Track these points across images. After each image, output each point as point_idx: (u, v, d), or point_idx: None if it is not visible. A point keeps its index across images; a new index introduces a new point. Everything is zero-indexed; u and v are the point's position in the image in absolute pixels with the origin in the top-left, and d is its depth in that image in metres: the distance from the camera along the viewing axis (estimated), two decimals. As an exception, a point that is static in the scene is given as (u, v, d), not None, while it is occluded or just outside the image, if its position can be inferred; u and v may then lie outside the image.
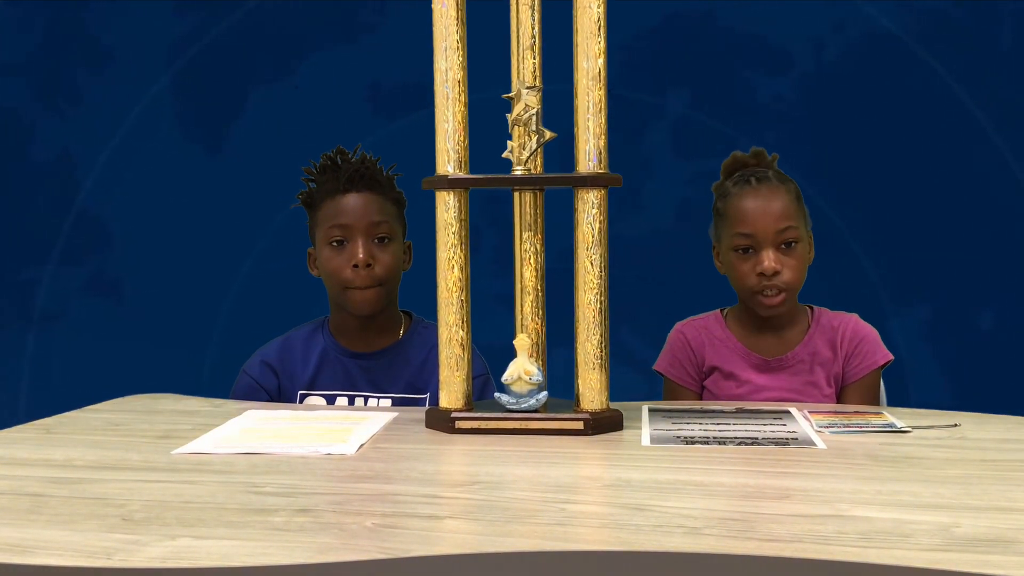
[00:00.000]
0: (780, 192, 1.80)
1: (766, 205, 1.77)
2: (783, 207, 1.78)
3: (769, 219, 1.76)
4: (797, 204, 1.81)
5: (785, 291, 1.77)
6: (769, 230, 1.76)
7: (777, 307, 1.79)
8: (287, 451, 1.37)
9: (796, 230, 1.77)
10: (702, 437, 1.43)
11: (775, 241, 1.76)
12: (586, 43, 1.48)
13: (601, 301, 1.49)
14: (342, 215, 1.86)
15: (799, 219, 1.79)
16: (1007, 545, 0.94)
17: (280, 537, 0.99)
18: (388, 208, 1.89)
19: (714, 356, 1.86)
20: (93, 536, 1.00)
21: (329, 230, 1.87)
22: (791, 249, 1.77)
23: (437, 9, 1.51)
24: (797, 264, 1.77)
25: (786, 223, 1.77)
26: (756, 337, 1.86)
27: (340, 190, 1.87)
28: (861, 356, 1.82)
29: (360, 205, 1.86)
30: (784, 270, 1.76)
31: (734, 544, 0.95)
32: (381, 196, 1.88)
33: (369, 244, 1.85)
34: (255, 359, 1.94)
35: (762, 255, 1.76)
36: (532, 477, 1.23)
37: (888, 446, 1.37)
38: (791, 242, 1.77)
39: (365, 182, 1.87)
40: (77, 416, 1.65)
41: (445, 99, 1.51)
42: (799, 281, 1.79)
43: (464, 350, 1.53)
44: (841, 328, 1.84)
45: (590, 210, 1.48)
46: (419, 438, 1.48)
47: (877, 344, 1.84)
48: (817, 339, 1.83)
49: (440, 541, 1.00)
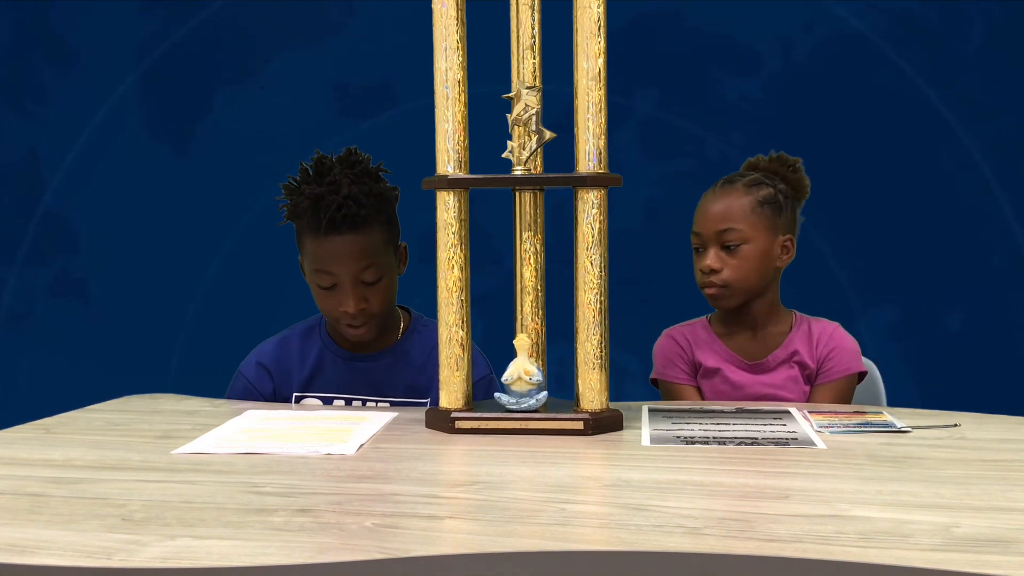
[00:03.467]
0: (734, 195, 1.84)
1: (712, 207, 1.84)
2: (728, 210, 1.82)
3: (712, 220, 1.83)
4: (752, 209, 1.83)
5: (724, 287, 1.82)
6: (711, 230, 1.83)
7: (718, 301, 1.84)
8: (287, 451, 1.37)
9: (740, 232, 1.81)
10: (702, 437, 1.43)
11: (718, 241, 1.82)
12: (586, 43, 1.48)
13: (601, 301, 1.49)
14: (327, 261, 1.75)
15: (751, 223, 1.82)
16: (1007, 545, 0.94)
17: (280, 537, 0.99)
18: (375, 241, 1.77)
19: (701, 356, 1.89)
20: (93, 536, 1.00)
21: (315, 273, 1.78)
22: (735, 251, 1.81)
23: (437, 9, 1.51)
24: (740, 264, 1.81)
25: (727, 225, 1.81)
26: (737, 337, 1.89)
27: (322, 232, 1.74)
28: (833, 361, 1.85)
29: (344, 252, 1.74)
30: (725, 269, 1.81)
31: (734, 544, 0.95)
32: (366, 233, 1.76)
33: (358, 288, 1.77)
34: (250, 359, 1.91)
35: (706, 253, 1.83)
36: (532, 477, 1.23)
37: (888, 446, 1.37)
38: (734, 244, 1.81)
39: (348, 223, 1.73)
40: (77, 416, 1.65)
41: (445, 99, 1.51)
42: (743, 281, 1.82)
43: (464, 350, 1.53)
44: (819, 333, 1.87)
45: (590, 210, 1.48)
46: (419, 438, 1.47)
47: (852, 354, 1.86)
48: (797, 342, 1.86)
49: (440, 541, 1.00)
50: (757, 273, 1.82)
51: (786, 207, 1.85)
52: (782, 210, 1.84)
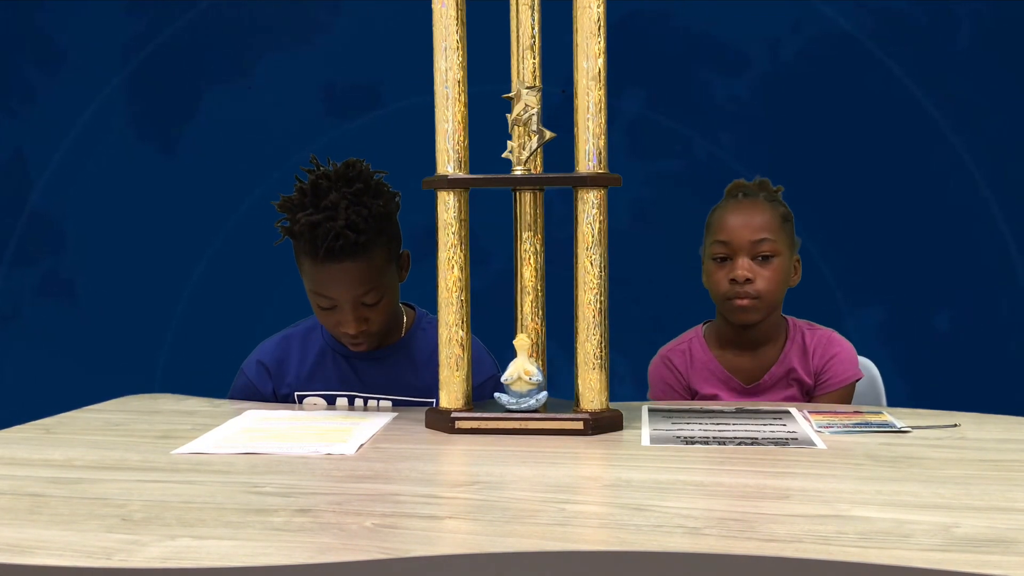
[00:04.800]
0: (763, 208, 1.83)
1: (746, 217, 1.81)
2: (762, 221, 1.81)
3: (747, 230, 1.80)
4: (780, 223, 1.83)
5: (756, 299, 1.79)
6: (745, 239, 1.80)
7: (748, 313, 1.80)
8: (287, 451, 1.37)
9: (774, 244, 1.80)
10: (702, 437, 1.43)
11: (751, 251, 1.80)
12: (586, 43, 1.48)
13: (601, 301, 1.49)
14: (325, 286, 1.70)
15: (780, 237, 1.81)
16: (1007, 545, 0.94)
17: (280, 537, 0.99)
18: (376, 264, 1.70)
19: (697, 381, 1.88)
20: (93, 536, 1.00)
21: (314, 296, 1.73)
22: (767, 262, 1.80)
23: (437, 9, 1.51)
24: (772, 276, 1.79)
25: (763, 235, 1.80)
26: (735, 354, 1.87)
27: (320, 259, 1.67)
28: (831, 371, 1.84)
29: (344, 279, 1.68)
30: (758, 279, 1.79)
31: (734, 544, 0.95)
32: (367, 258, 1.68)
33: (358, 310, 1.72)
34: (252, 358, 1.90)
35: (737, 262, 1.79)
36: (532, 477, 1.23)
37: (888, 446, 1.37)
38: (767, 255, 1.80)
39: (347, 251, 1.65)
40: (77, 416, 1.65)
41: (445, 99, 1.51)
42: (773, 294, 1.80)
43: (464, 350, 1.53)
44: (814, 345, 1.86)
45: (590, 210, 1.48)
46: (419, 438, 1.47)
47: (849, 362, 1.85)
48: (792, 356, 1.85)
49: (440, 541, 1.00)
50: (783, 288, 1.82)
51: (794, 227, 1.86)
52: (794, 229, 1.85)
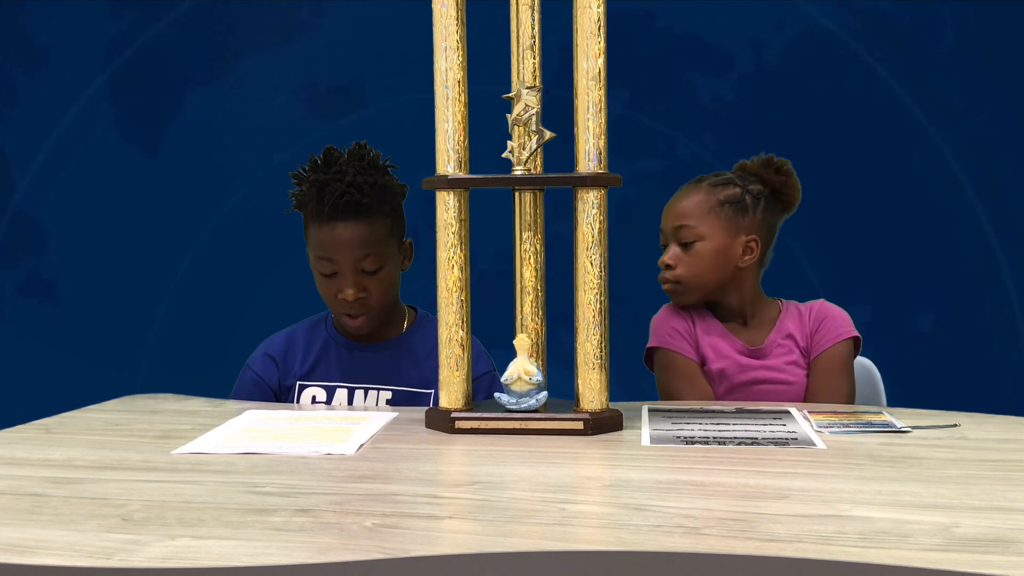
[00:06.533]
0: (694, 193, 1.87)
1: (671, 205, 1.89)
2: (684, 208, 1.86)
3: (669, 217, 1.88)
4: (710, 208, 1.84)
5: (677, 283, 1.85)
6: (669, 226, 1.87)
7: (675, 296, 1.88)
8: (287, 451, 1.37)
9: (694, 230, 1.84)
10: (702, 437, 1.43)
11: (674, 237, 1.86)
12: (586, 43, 1.48)
13: (601, 301, 1.49)
14: (328, 248, 1.78)
15: (706, 222, 1.83)
16: (1007, 545, 0.94)
17: (280, 537, 0.99)
18: (378, 230, 1.79)
19: (703, 333, 1.88)
20: (93, 536, 1.00)
21: (317, 260, 1.81)
22: (688, 248, 1.84)
23: (437, 9, 1.51)
24: (693, 262, 1.84)
25: (681, 221, 1.85)
26: (731, 325, 1.89)
27: (325, 218, 1.78)
28: (825, 330, 1.86)
29: (345, 239, 1.77)
30: (679, 265, 1.84)
31: (734, 544, 0.95)
32: (369, 221, 1.78)
33: (358, 277, 1.79)
34: (258, 352, 1.93)
35: (667, 249, 1.87)
36: (532, 477, 1.23)
37: (888, 446, 1.37)
38: (687, 242, 1.84)
39: (351, 210, 1.76)
40: (77, 416, 1.65)
41: (445, 99, 1.51)
42: (694, 278, 1.84)
43: (464, 350, 1.53)
44: (807, 310, 1.90)
45: (590, 210, 1.49)
46: (419, 438, 1.48)
47: (842, 320, 1.87)
48: (789, 323, 1.88)
49: (440, 541, 1.00)
50: (712, 271, 1.84)
51: (753, 208, 1.85)
52: (747, 211, 1.85)
